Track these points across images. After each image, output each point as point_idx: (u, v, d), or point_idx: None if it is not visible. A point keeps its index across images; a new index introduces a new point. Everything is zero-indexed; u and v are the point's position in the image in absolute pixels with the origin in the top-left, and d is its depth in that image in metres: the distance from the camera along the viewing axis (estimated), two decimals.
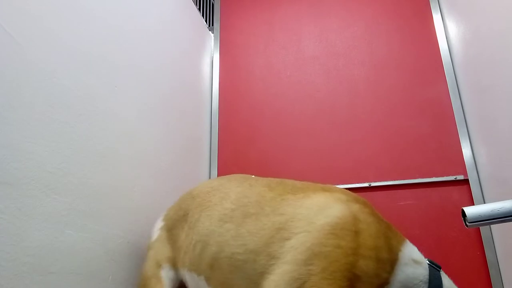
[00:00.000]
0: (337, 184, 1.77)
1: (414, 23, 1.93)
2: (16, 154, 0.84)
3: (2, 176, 0.80)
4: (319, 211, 0.79)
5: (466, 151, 1.66)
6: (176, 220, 1.06)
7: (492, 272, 1.49)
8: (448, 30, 1.86)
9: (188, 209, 1.03)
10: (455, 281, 1.52)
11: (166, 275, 1.02)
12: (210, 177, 1.95)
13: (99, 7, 1.21)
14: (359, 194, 1.76)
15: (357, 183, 1.76)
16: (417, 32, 1.92)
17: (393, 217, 1.25)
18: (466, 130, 1.69)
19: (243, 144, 1.99)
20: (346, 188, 1.75)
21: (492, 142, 1.47)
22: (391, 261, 0.81)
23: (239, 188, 0.94)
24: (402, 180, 1.70)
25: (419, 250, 1.20)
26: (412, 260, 0.86)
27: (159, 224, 1.14)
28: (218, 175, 1.95)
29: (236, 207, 0.88)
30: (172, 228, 1.07)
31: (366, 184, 1.74)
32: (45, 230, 0.90)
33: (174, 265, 1.03)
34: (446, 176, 1.66)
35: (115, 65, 1.26)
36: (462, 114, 1.72)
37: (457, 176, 1.64)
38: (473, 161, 1.64)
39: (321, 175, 1.82)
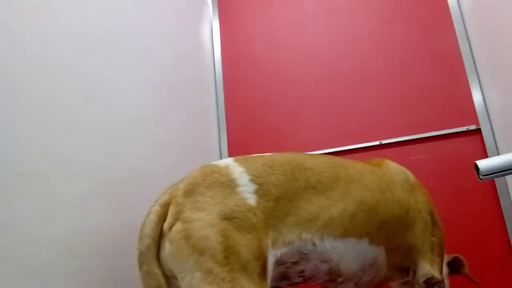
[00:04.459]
0: (348, 145, 1.77)
1: None
2: (29, 146, 0.85)
3: (22, 168, 0.82)
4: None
5: (477, 100, 1.63)
6: (288, 191, 0.91)
7: (507, 220, 1.50)
8: None
9: (311, 181, 0.95)
10: (472, 231, 1.54)
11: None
12: (220, 148, 1.96)
13: None
14: (370, 152, 1.77)
15: (368, 141, 1.75)
16: None
17: None
18: (476, 78, 1.65)
19: (251, 111, 1.98)
20: (357, 148, 1.76)
21: (504, 89, 1.44)
22: None
23: (356, 164, 1.08)
24: (413, 135, 1.69)
25: (435, 203, 1.22)
26: None
27: (250, 186, 0.87)
28: (228, 144, 1.96)
29: (377, 180, 1.05)
30: (282, 198, 0.90)
31: (377, 142, 1.74)
32: (68, 216, 0.92)
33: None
34: (458, 127, 1.64)
35: (114, 41, 1.24)
36: (472, 62, 1.67)
37: (469, 127, 1.63)
38: (485, 109, 1.61)
39: (331, 137, 1.81)
